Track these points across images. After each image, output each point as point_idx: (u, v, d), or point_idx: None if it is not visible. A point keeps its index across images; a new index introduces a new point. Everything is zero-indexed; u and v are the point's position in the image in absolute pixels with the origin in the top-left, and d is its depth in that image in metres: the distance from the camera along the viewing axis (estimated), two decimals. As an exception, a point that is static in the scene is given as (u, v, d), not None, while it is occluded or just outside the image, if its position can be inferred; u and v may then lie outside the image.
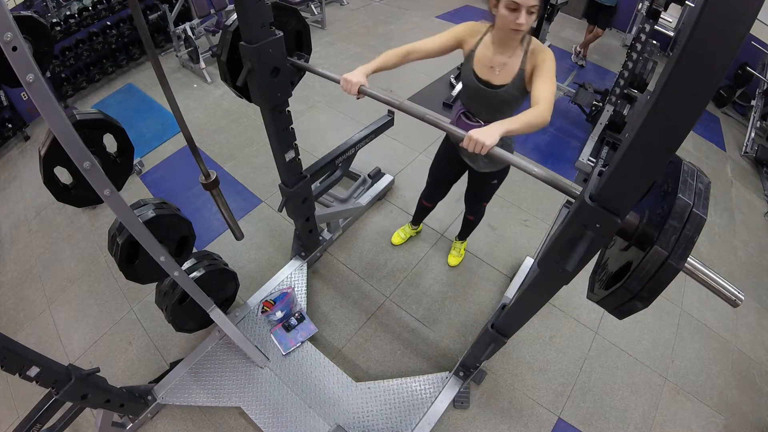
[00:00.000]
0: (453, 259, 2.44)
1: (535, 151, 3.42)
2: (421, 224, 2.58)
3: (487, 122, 1.48)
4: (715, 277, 0.81)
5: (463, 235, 2.40)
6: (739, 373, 2.15)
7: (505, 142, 1.61)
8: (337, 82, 1.35)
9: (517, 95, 1.42)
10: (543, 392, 1.97)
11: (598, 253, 1.02)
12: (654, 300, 0.77)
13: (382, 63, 1.40)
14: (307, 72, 1.55)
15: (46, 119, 0.87)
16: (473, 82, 1.47)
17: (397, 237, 2.53)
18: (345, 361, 2.03)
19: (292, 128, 1.69)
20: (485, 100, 1.49)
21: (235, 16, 1.30)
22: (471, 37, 1.46)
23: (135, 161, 3.02)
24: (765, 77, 4.01)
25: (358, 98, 1.36)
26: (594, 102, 3.43)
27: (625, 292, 0.78)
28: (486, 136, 1.08)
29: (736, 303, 0.80)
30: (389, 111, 2.39)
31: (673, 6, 2.75)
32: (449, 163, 1.86)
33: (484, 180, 1.82)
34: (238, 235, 1.65)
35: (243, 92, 1.50)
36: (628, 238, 0.85)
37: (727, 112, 4.42)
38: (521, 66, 1.37)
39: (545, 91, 1.27)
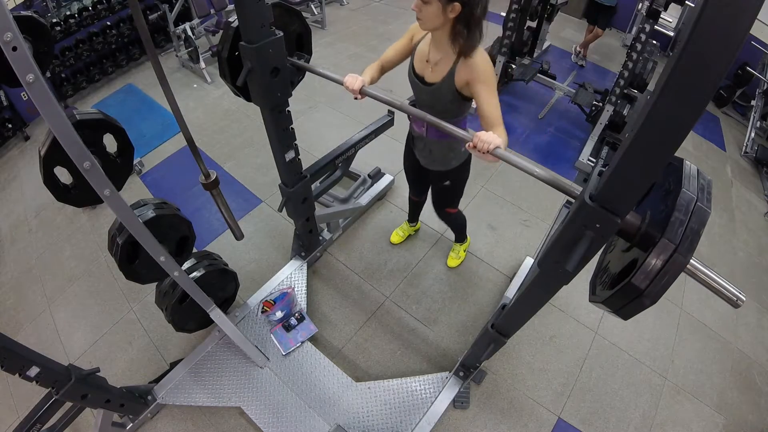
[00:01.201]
0: (452, 261, 2.44)
1: (535, 151, 3.42)
2: (419, 222, 2.58)
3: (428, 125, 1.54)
4: (715, 277, 0.81)
5: (457, 238, 2.40)
6: (739, 373, 2.15)
7: (455, 152, 1.64)
8: (338, 82, 1.36)
9: (447, 95, 1.40)
10: (543, 392, 1.97)
11: (598, 257, 1.02)
12: (661, 296, 0.76)
13: (370, 77, 1.49)
14: (307, 72, 1.55)
15: (46, 119, 0.87)
16: (411, 76, 1.50)
17: (396, 236, 2.54)
18: (345, 361, 2.03)
19: (292, 128, 1.69)
20: (423, 96, 1.50)
21: (236, 14, 1.30)
22: (419, 32, 1.47)
23: (135, 161, 3.02)
24: (765, 77, 4.02)
25: (357, 98, 1.39)
26: (594, 102, 3.43)
27: (632, 290, 0.77)
28: (493, 137, 1.11)
29: (737, 303, 0.80)
30: (389, 111, 2.39)
31: (673, 6, 2.75)
32: (410, 158, 1.88)
33: (437, 180, 1.82)
34: (238, 235, 1.66)
35: (242, 91, 1.50)
36: (631, 238, 0.85)
37: (727, 112, 4.42)
38: (452, 67, 1.35)
39: (494, 108, 1.28)
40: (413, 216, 2.47)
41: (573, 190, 0.95)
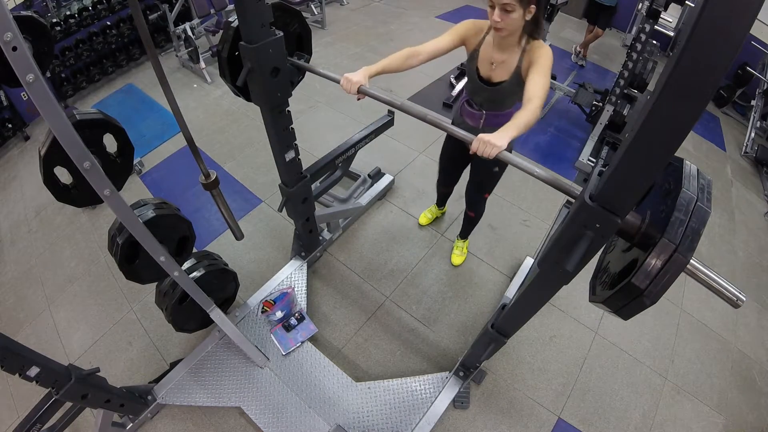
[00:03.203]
0: (456, 258, 2.45)
1: (536, 151, 3.42)
2: (446, 206, 2.65)
3: (488, 111, 1.61)
4: (715, 277, 0.81)
5: (464, 234, 2.42)
6: (739, 373, 2.15)
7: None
8: (338, 82, 1.35)
9: (515, 89, 1.47)
10: (543, 392, 1.97)
11: (598, 257, 1.01)
12: (662, 296, 0.76)
13: (385, 65, 1.42)
14: (307, 72, 1.55)
15: (46, 119, 0.87)
16: (475, 80, 1.55)
17: (424, 217, 2.63)
18: (345, 361, 2.03)
19: (292, 128, 1.69)
20: (487, 95, 1.57)
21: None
22: (474, 36, 1.51)
23: (135, 161, 3.02)
24: (765, 77, 4.01)
25: (358, 99, 1.37)
26: (594, 102, 3.44)
27: (633, 289, 0.77)
28: (495, 139, 1.10)
29: (737, 303, 0.80)
30: (389, 111, 2.39)
31: (673, 6, 2.75)
32: (456, 147, 1.94)
33: (487, 166, 1.84)
34: (238, 235, 1.65)
35: (242, 91, 1.50)
36: (631, 238, 0.85)
37: (727, 112, 4.42)
38: (518, 63, 1.42)
39: (537, 85, 1.29)
40: (442, 202, 2.55)
41: (573, 190, 0.95)
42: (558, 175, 1.02)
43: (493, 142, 1.09)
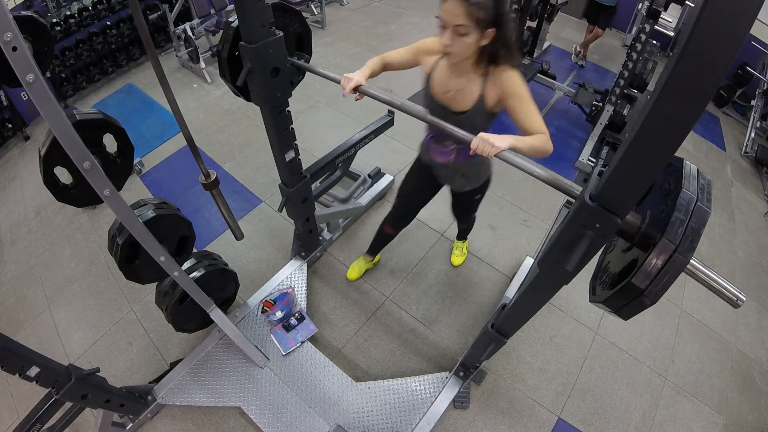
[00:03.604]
0: (456, 259, 2.44)
1: (535, 151, 3.41)
2: (378, 255, 2.36)
3: (456, 147, 1.46)
4: (716, 277, 0.81)
5: (462, 236, 2.41)
6: (739, 373, 2.15)
7: (485, 164, 1.61)
8: (338, 82, 1.35)
9: (481, 121, 1.32)
10: (543, 392, 1.97)
11: (598, 257, 1.01)
12: (662, 296, 0.76)
13: (372, 69, 1.39)
14: (307, 72, 1.55)
15: (46, 119, 0.87)
16: (433, 107, 1.39)
17: (352, 271, 2.33)
18: (345, 361, 2.03)
19: (292, 128, 1.69)
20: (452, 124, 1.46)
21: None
22: (428, 57, 1.38)
23: (135, 161, 3.02)
24: (765, 77, 4.02)
25: (357, 99, 1.35)
26: (594, 102, 3.44)
27: (632, 289, 0.77)
28: (496, 140, 1.06)
29: (737, 303, 0.80)
30: (389, 111, 2.39)
31: (673, 6, 2.75)
32: (422, 182, 1.77)
33: (467, 197, 1.77)
34: (238, 235, 1.65)
35: (242, 91, 1.50)
36: (631, 238, 0.85)
37: (727, 112, 4.42)
38: (481, 92, 1.26)
39: (536, 120, 1.18)
40: (376, 249, 2.25)
41: (573, 190, 0.95)
42: (558, 175, 1.02)
43: (492, 142, 1.05)
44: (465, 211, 2.01)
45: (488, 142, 1.06)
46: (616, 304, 0.84)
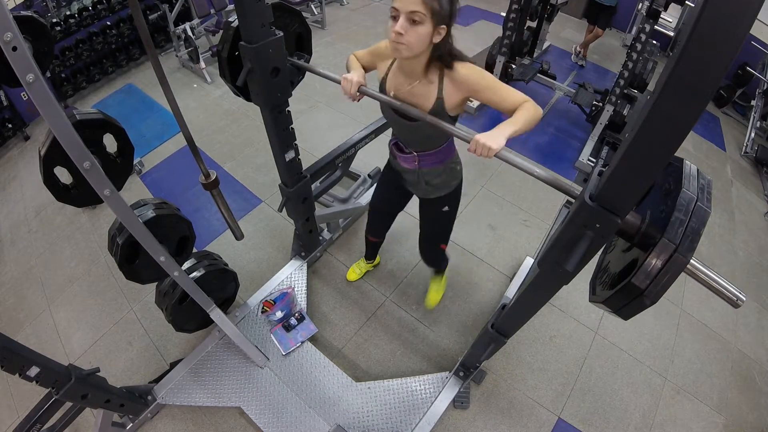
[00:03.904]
0: (435, 296, 2.17)
1: (535, 151, 3.42)
2: (378, 257, 2.38)
3: (419, 152, 1.38)
4: (715, 277, 0.81)
5: (438, 271, 2.16)
6: (739, 373, 2.15)
7: (453, 173, 1.50)
8: (338, 82, 1.34)
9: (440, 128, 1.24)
10: (543, 392, 1.97)
11: (598, 257, 1.01)
12: (662, 296, 0.76)
13: (361, 67, 1.35)
14: (307, 72, 1.55)
15: (46, 119, 0.87)
16: (389, 114, 1.33)
17: (353, 273, 2.34)
18: (345, 361, 2.03)
19: (292, 128, 1.69)
20: (407, 133, 1.36)
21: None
22: (381, 62, 1.32)
23: (135, 161, 3.02)
24: (765, 77, 4.02)
25: (357, 100, 1.31)
26: (594, 102, 3.44)
27: (633, 289, 0.77)
28: (492, 139, 1.01)
29: (737, 303, 0.80)
30: (389, 111, 2.38)
31: (673, 6, 2.75)
32: (392, 190, 1.70)
33: (434, 208, 1.61)
34: (238, 235, 1.66)
35: (242, 91, 1.50)
36: (631, 238, 0.85)
37: (727, 112, 4.42)
38: (438, 95, 1.19)
39: (513, 95, 1.13)
40: (372, 254, 2.28)
41: (573, 190, 0.95)
42: (558, 175, 1.02)
43: (489, 145, 1.00)
44: (433, 235, 1.78)
45: (485, 146, 1.01)
46: (616, 304, 0.84)
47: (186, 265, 1.75)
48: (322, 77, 1.42)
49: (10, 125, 3.48)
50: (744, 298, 0.79)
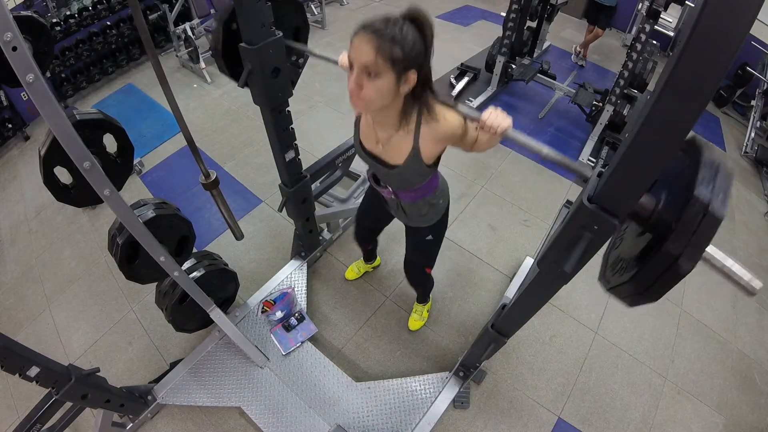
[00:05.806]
0: (415, 323, 2.13)
1: (535, 151, 3.41)
2: (378, 258, 2.38)
3: (396, 189, 1.29)
4: (732, 261, 0.76)
5: (421, 299, 2.11)
6: (739, 373, 2.15)
7: (436, 208, 1.41)
8: (335, 62, 1.30)
9: (415, 173, 1.15)
10: (543, 392, 1.97)
11: (602, 256, 0.99)
12: (699, 259, 0.70)
13: None
14: (306, 72, 1.55)
15: (46, 119, 0.87)
16: (363, 156, 1.23)
17: (351, 272, 2.34)
18: (345, 361, 2.03)
19: (292, 128, 1.69)
20: (383, 175, 1.26)
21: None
22: None
23: (135, 161, 3.02)
24: (765, 77, 4.01)
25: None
26: (594, 102, 3.44)
27: (666, 257, 0.70)
28: (502, 117, 0.94)
29: (753, 291, 0.76)
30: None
31: (673, 6, 2.75)
32: (377, 207, 1.60)
33: (417, 236, 1.55)
34: (238, 235, 1.66)
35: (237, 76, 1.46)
36: (644, 223, 0.80)
37: (727, 112, 4.42)
38: (414, 145, 1.07)
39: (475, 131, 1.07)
40: (368, 257, 2.28)
41: (583, 172, 0.91)
42: (566, 156, 0.97)
43: (501, 117, 0.94)
44: (417, 260, 1.71)
45: (493, 126, 0.93)
46: (644, 283, 0.76)
47: (186, 265, 1.75)
48: (319, 58, 1.37)
49: (10, 125, 3.48)
50: (760, 284, 0.74)
